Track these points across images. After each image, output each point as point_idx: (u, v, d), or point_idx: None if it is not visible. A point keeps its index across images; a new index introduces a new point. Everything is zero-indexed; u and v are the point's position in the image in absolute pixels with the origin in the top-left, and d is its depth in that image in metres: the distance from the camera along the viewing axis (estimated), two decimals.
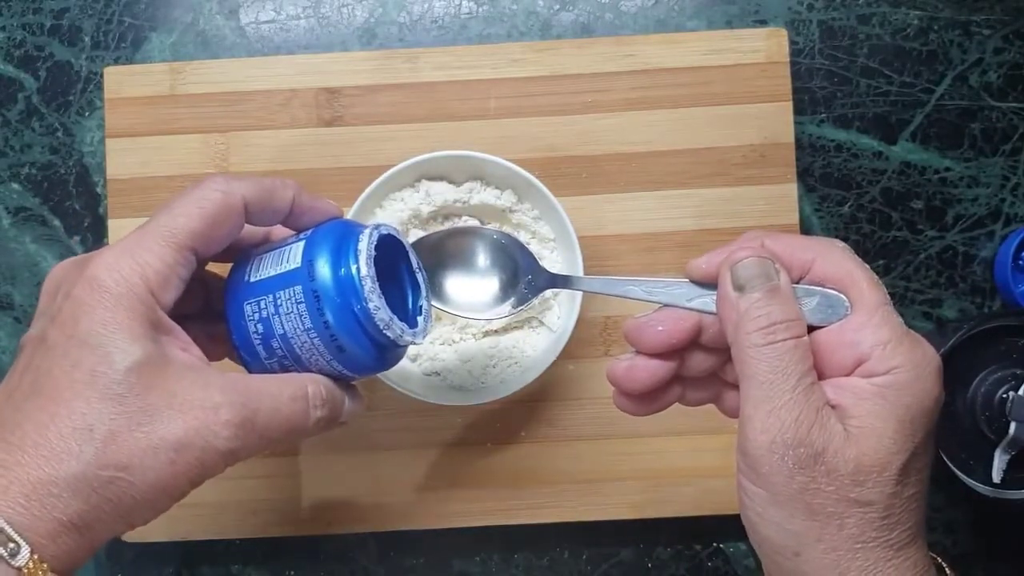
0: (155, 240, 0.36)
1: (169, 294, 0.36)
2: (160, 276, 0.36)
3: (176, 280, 0.37)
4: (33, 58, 0.62)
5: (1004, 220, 0.60)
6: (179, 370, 0.35)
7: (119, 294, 0.35)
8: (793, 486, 0.34)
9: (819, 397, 0.35)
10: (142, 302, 0.35)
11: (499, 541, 0.59)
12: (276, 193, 0.39)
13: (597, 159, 0.58)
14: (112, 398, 0.33)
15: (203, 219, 0.37)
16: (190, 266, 0.37)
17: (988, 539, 0.59)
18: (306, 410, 0.38)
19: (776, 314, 0.35)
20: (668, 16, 0.61)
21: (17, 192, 0.61)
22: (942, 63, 0.61)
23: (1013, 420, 0.52)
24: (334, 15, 0.62)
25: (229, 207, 0.38)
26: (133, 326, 0.34)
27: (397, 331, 0.39)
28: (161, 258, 0.36)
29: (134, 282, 0.35)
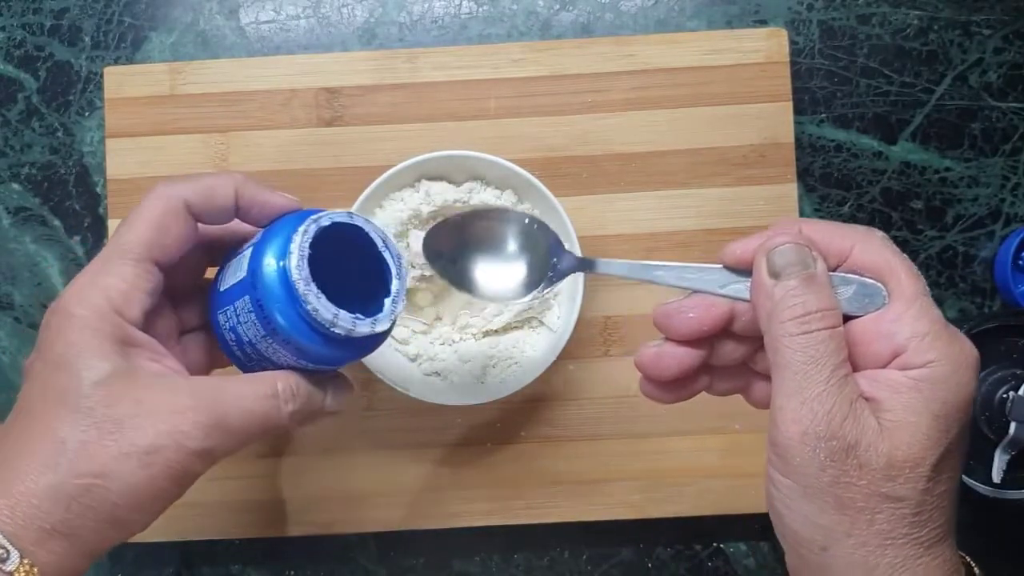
0: (113, 260, 0.39)
1: (134, 309, 0.38)
2: (122, 294, 0.38)
3: (139, 294, 0.38)
4: (33, 58, 0.62)
5: (1004, 220, 0.60)
6: (147, 380, 0.37)
7: (85, 317, 0.37)
8: (824, 479, 0.33)
9: (853, 389, 0.34)
10: (108, 322, 0.37)
11: (499, 541, 0.59)
12: (216, 191, 0.40)
13: (597, 159, 0.58)
14: (82, 411, 0.36)
15: (149, 228, 0.39)
16: (152, 276, 0.39)
17: (988, 539, 0.59)
18: (277, 406, 0.39)
19: (812, 303, 0.34)
20: (668, 16, 0.61)
21: (17, 192, 0.61)
22: (942, 63, 0.61)
23: (1013, 420, 0.53)
24: (334, 15, 0.62)
25: (171, 211, 0.39)
26: (100, 345, 0.37)
27: (346, 325, 0.38)
28: (120, 277, 0.38)
29: (98, 304, 0.37)
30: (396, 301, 0.40)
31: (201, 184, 0.40)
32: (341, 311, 0.38)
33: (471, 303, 0.56)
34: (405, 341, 0.56)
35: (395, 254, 0.41)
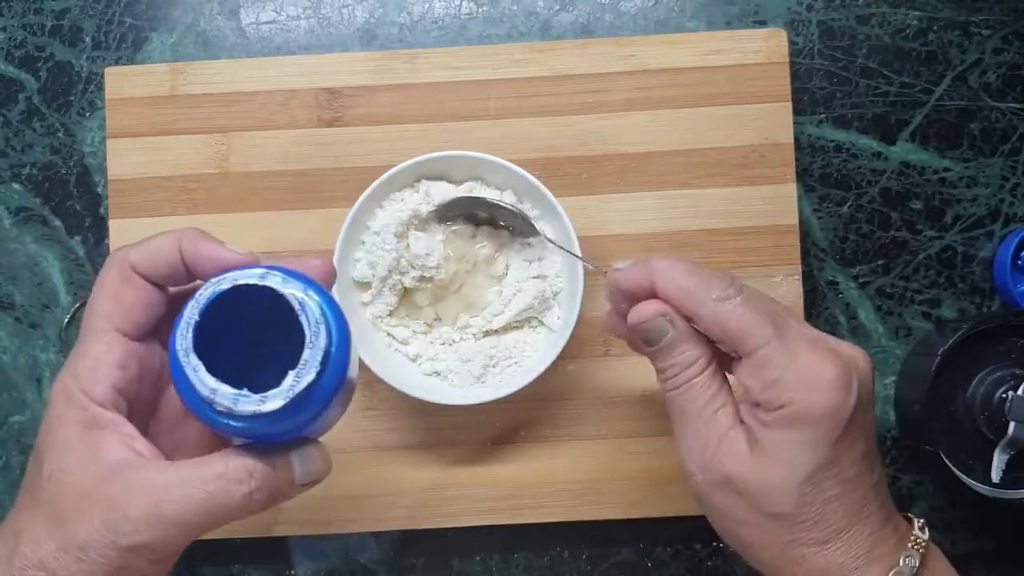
0: (83, 337, 0.38)
1: (100, 385, 0.37)
2: (87, 371, 0.37)
3: (105, 368, 0.37)
4: (34, 58, 0.62)
5: (1003, 220, 0.60)
6: (101, 469, 0.36)
7: (55, 404, 0.37)
8: (716, 503, 0.40)
9: (724, 424, 0.40)
10: (74, 405, 0.37)
11: (499, 541, 0.59)
12: (159, 251, 0.38)
13: (597, 159, 0.58)
14: (39, 502, 0.36)
15: (106, 298, 0.38)
16: (118, 348, 0.38)
17: (988, 539, 0.59)
18: (226, 489, 0.36)
19: (672, 367, 0.41)
20: (668, 17, 0.61)
21: (18, 192, 0.61)
22: (941, 63, 0.61)
23: (1012, 420, 0.53)
24: (334, 16, 0.62)
25: (121, 277, 0.38)
26: (64, 434, 0.37)
27: (224, 403, 0.33)
28: (85, 353, 0.38)
29: (66, 386, 0.37)
30: (301, 374, 0.34)
31: (145, 246, 0.39)
32: (221, 386, 0.33)
33: (471, 304, 0.56)
34: (405, 341, 0.56)
35: (312, 319, 0.34)
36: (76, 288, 0.61)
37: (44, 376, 0.61)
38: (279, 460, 0.37)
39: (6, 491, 0.61)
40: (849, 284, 0.60)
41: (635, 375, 0.57)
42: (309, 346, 0.34)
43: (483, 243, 0.56)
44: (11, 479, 0.61)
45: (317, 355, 0.34)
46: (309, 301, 0.35)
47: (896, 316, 0.60)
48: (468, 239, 0.56)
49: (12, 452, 0.61)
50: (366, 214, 0.55)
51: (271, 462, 0.37)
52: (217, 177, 0.58)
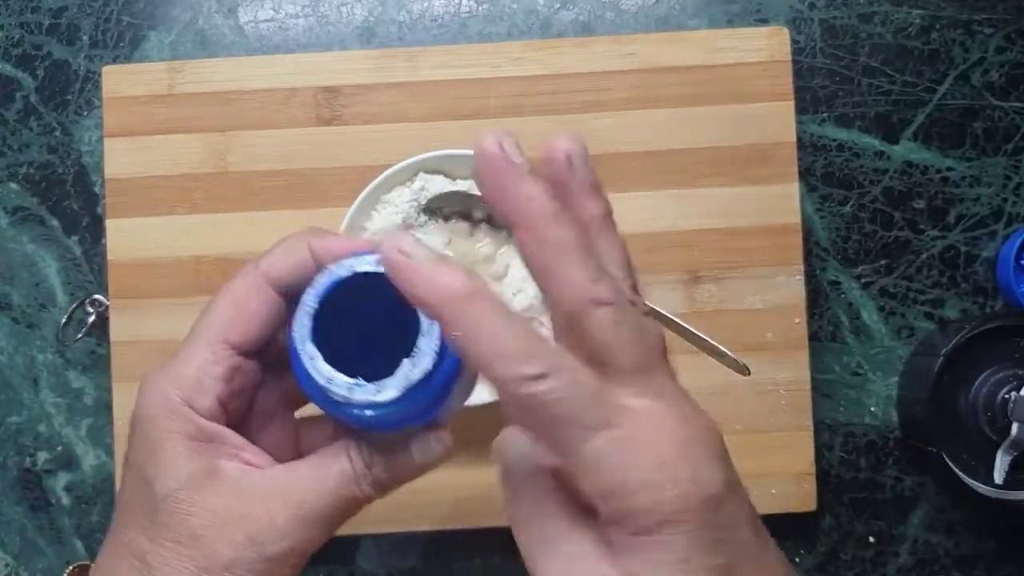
0: (189, 345, 0.36)
1: (206, 398, 0.35)
2: (192, 382, 0.35)
3: (211, 380, 0.35)
4: (31, 57, 0.61)
5: (1006, 220, 0.60)
6: (221, 484, 0.35)
7: (154, 418, 0.35)
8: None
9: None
10: (178, 419, 0.35)
11: (499, 541, 0.59)
12: (292, 255, 0.37)
13: (597, 159, 0.57)
14: (159, 524, 0.34)
15: (226, 308, 0.36)
16: (226, 359, 0.36)
17: (990, 540, 0.59)
18: (354, 479, 0.36)
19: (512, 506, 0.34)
20: (669, 15, 0.61)
21: (15, 192, 0.61)
22: (944, 62, 0.60)
23: (1015, 421, 0.52)
24: (333, 14, 0.62)
25: (250, 287, 0.36)
26: (171, 450, 0.35)
27: (340, 392, 0.33)
28: (190, 363, 0.35)
29: (167, 398, 0.35)
30: (416, 363, 0.33)
31: (276, 251, 0.37)
32: (336, 375, 0.33)
33: None
34: None
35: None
36: (73, 288, 0.61)
37: (41, 376, 0.61)
38: (398, 449, 0.36)
39: (3, 491, 0.61)
40: (852, 284, 0.60)
41: None
42: (424, 334, 0.34)
43: (483, 242, 0.56)
44: (8, 479, 0.60)
45: (432, 344, 0.33)
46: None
47: (899, 316, 0.60)
48: (467, 238, 0.56)
49: (10, 453, 0.61)
50: (365, 214, 0.54)
51: (391, 451, 0.36)
52: (216, 176, 0.58)
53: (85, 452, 0.60)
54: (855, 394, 0.59)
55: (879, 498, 0.59)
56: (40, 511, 0.60)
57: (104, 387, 0.59)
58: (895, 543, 0.59)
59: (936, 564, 0.59)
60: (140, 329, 0.58)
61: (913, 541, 0.59)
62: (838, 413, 0.59)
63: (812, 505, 0.57)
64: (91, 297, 0.60)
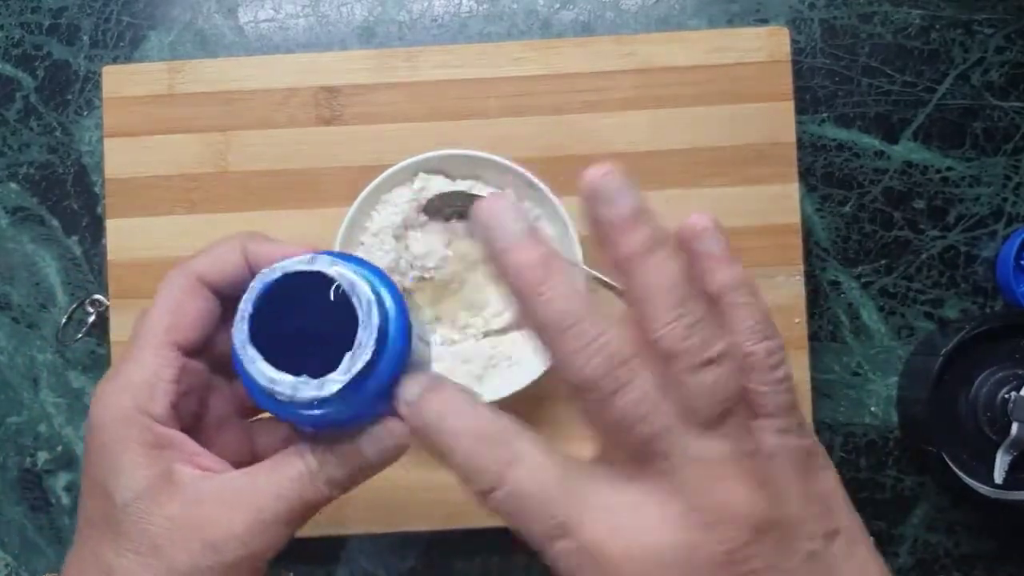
0: (135, 351, 0.36)
1: (158, 403, 0.35)
2: (144, 388, 0.35)
3: (162, 384, 0.35)
4: (31, 57, 0.61)
5: (1006, 220, 0.60)
6: (178, 491, 0.35)
7: (108, 427, 0.35)
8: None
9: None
10: (133, 426, 0.35)
11: (499, 541, 0.59)
12: (223, 256, 0.37)
13: (597, 158, 0.57)
14: (121, 535, 0.34)
15: (165, 311, 0.36)
16: (174, 363, 0.36)
17: (990, 540, 0.59)
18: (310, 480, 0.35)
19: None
20: (669, 14, 0.61)
21: (15, 192, 0.61)
22: (944, 62, 0.60)
23: (1015, 420, 0.52)
24: (333, 14, 0.62)
25: (185, 288, 0.37)
26: (128, 458, 0.35)
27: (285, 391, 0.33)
28: (140, 369, 0.36)
29: (121, 406, 0.35)
30: (357, 355, 0.33)
31: (210, 254, 0.37)
32: (280, 375, 0.33)
33: (471, 303, 0.56)
34: None
35: (364, 298, 0.34)
36: (73, 288, 0.61)
37: (41, 376, 0.61)
38: (349, 444, 0.36)
39: (3, 491, 0.61)
40: (852, 284, 0.60)
41: None
42: (362, 326, 0.34)
43: None
44: (8, 480, 0.61)
45: (371, 335, 0.33)
46: (359, 280, 0.34)
47: (899, 316, 0.60)
48: (467, 238, 0.56)
49: (10, 452, 0.61)
50: (364, 214, 0.54)
51: (342, 448, 0.36)
52: (215, 176, 0.58)
53: None
54: (855, 394, 0.59)
55: (879, 498, 0.59)
56: (40, 511, 0.60)
57: None
58: (895, 543, 0.59)
59: (936, 564, 0.59)
60: None
61: (913, 541, 0.59)
62: (838, 413, 0.59)
63: None
64: (91, 297, 0.60)
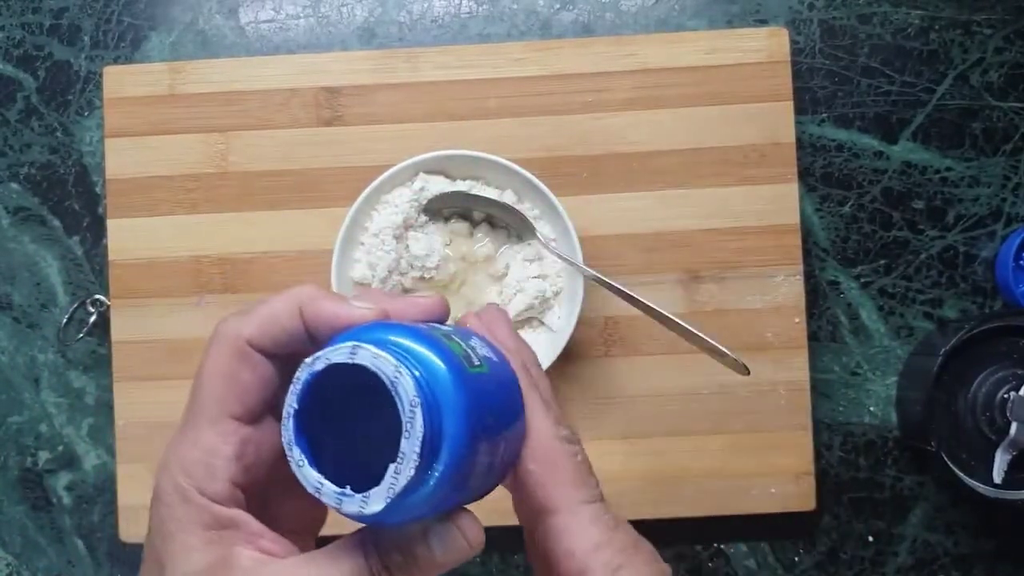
0: (191, 426, 0.34)
1: (217, 483, 0.33)
2: (202, 468, 0.33)
3: (221, 462, 0.33)
4: (32, 58, 0.62)
5: (1005, 220, 0.60)
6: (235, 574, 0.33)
7: (169, 505, 0.33)
8: None
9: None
10: (192, 506, 0.33)
11: (499, 541, 0.59)
12: (278, 319, 0.34)
13: (597, 159, 0.58)
14: None
15: (218, 382, 0.34)
16: (232, 437, 0.34)
17: (989, 539, 0.59)
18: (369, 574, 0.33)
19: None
20: (669, 15, 0.61)
21: (16, 192, 0.61)
22: (943, 63, 0.61)
23: (1014, 420, 0.52)
24: (334, 14, 0.62)
25: (236, 355, 0.34)
26: (185, 538, 0.33)
27: (330, 503, 0.30)
28: (196, 446, 0.33)
29: (179, 485, 0.33)
30: (400, 470, 0.29)
31: (261, 315, 0.34)
32: (325, 484, 0.30)
33: (471, 303, 0.56)
34: None
35: (407, 401, 0.29)
36: (74, 288, 0.61)
37: (42, 376, 0.61)
38: (417, 544, 0.33)
39: (4, 491, 0.61)
40: (851, 284, 0.60)
41: (635, 375, 0.57)
42: (405, 435, 0.29)
43: (483, 242, 0.56)
44: (9, 479, 0.61)
45: (415, 445, 0.29)
46: (402, 377, 0.29)
47: (898, 316, 0.60)
48: (467, 238, 0.56)
49: (11, 452, 0.61)
50: (365, 215, 0.54)
51: (410, 546, 0.33)
52: (216, 176, 0.58)
53: (86, 452, 0.60)
54: (854, 394, 0.60)
55: (878, 497, 0.59)
56: (41, 510, 0.61)
57: (105, 387, 0.59)
58: (894, 542, 0.59)
59: (935, 563, 0.59)
60: (141, 329, 0.58)
61: (912, 540, 0.59)
62: (837, 413, 0.60)
63: (811, 504, 0.57)
64: (92, 297, 0.60)
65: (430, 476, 0.30)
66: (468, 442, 0.31)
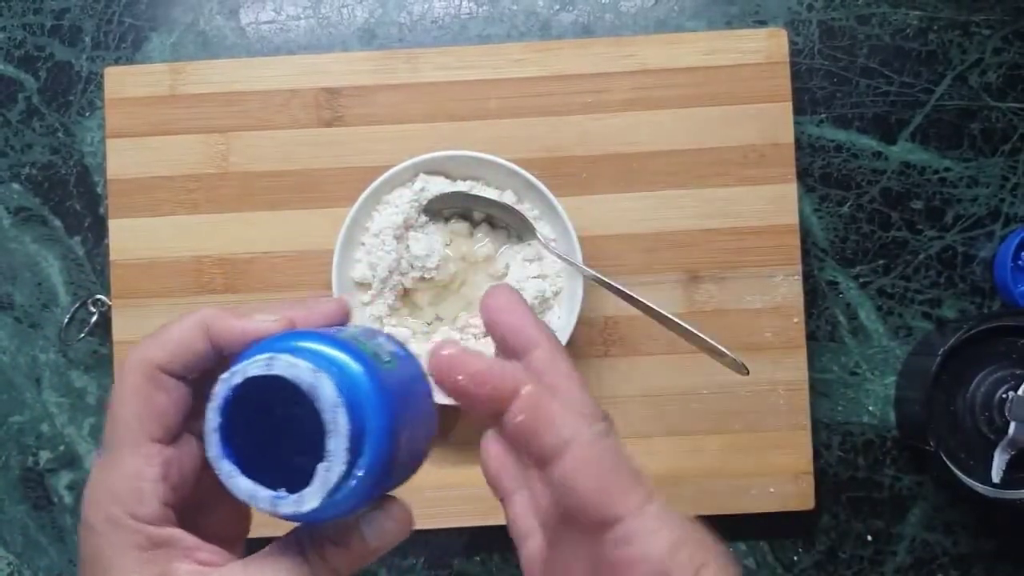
0: (113, 454, 0.35)
1: (147, 505, 0.34)
2: (130, 493, 0.34)
3: (148, 484, 0.34)
4: (34, 58, 0.62)
5: (1003, 220, 0.60)
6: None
7: (102, 532, 0.34)
8: None
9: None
10: (125, 531, 0.34)
11: (499, 541, 0.59)
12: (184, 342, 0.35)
13: (597, 159, 0.58)
14: None
15: (134, 408, 0.35)
16: (156, 459, 0.35)
17: (988, 539, 0.59)
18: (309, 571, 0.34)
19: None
20: (668, 16, 0.61)
21: (18, 192, 0.61)
22: (941, 63, 0.61)
23: (1012, 420, 0.53)
24: (334, 15, 0.62)
25: (149, 380, 0.35)
26: (124, 563, 0.34)
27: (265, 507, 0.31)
28: (121, 471, 0.34)
29: (110, 513, 0.34)
30: (330, 467, 0.30)
31: (169, 341, 0.35)
32: (258, 490, 0.31)
33: (471, 303, 0.56)
34: (405, 341, 0.56)
35: (328, 402, 0.30)
36: (76, 288, 0.61)
37: (43, 376, 0.61)
38: (351, 534, 0.34)
39: (6, 491, 0.61)
40: (849, 284, 0.60)
41: (635, 375, 0.57)
42: (329, 435, 0.31)
43: (483, 242, 0.56)
44: (10, 479, 0.61)
45: (342, 443, 0.30)
46: (321, 382, 0.30)
47: (897, 316, 0.60)
48: (467, 238, 0.56)
49: (12, 452, 0.61)
50: (365, 215, 0.55)
51: (344, 537, 0.34)
52: (217, 177, 0.58)
53: (87, 451, 0.61)
54: (853, 393, 0.60)
55: (877, 497, 0.59)
56: (42, 510, 0.61)
57: (106, 387, 0.60)
58: (893, 542, 0.59)
59: (934, 563, 0.59)
60: (142, 329, 0.58)
61: (911, 540, 0.59)
62: (836, 412, 0.60)
63: (810, 504, 0.57)
64: (93, 297, 0.60)
65: (358, 470, 0.31)
66: (389, 434, 0.32)
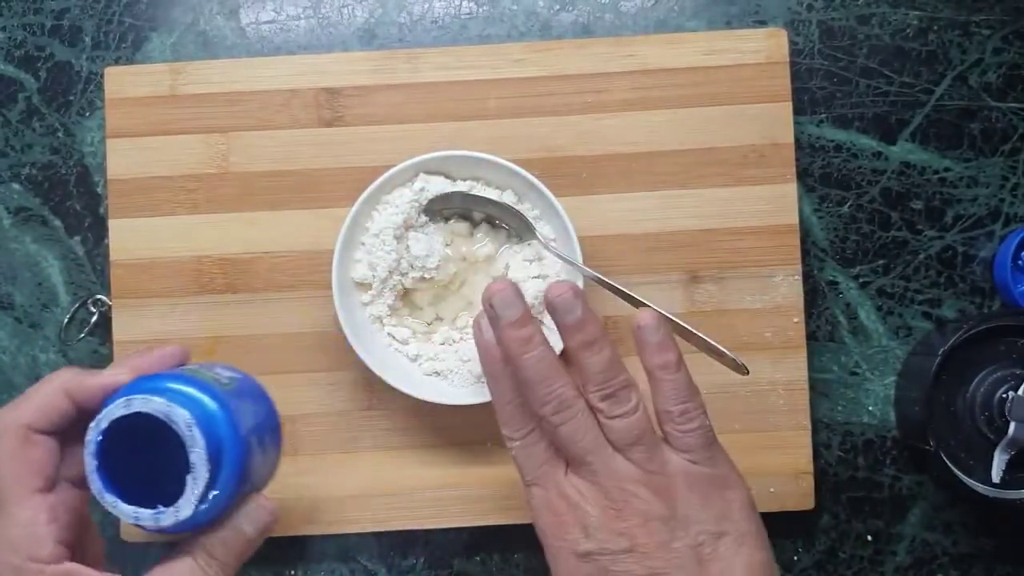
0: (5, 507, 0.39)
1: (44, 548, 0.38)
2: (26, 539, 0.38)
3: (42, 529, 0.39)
4: (34, 58, 0.62)
5: (1003, 220, 0.60)
6: None
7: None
8: None
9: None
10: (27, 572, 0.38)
11: (499, 541, 0.59)
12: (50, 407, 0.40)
13: (597, 159, 0.58)
14: None
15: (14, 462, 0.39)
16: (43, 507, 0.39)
17: (988, 539, 0.59)
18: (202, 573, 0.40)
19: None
20: (668, 16, 0.61)
21: (18, 192, 0.61)
22: (941, 63, 0.61)
23: (1012, 420, 0.53)
24: (334, 15, 0.62)
25: (23, 440, 0.40)
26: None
27: (147, 524, 0.38)
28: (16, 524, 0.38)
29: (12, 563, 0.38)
30: (196, 477, 0.38)
31: (35, 405, 0.40)
32: (140, 511, 0.38)
33: (471, 303, 0.56)
34: (405, 341, 0.56)
35: (183, 425, 0.38)
36: (76, 288, 0.61)
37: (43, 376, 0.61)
38: (231, 533, 0.40)
39: None
40: (849, 284, 0.60)
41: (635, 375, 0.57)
42: (191, 450, 0.37)
43: (483, 242, 0.56)
44: None
45: (202, 455, 0.37)
46: (173, 409, 0.38)
47: (896, 316, 0.60)
48: (467, 239, 0.56)
49: None
50: (365, 215, 0.55)
51: (224, 536, 0.40)
52: (217, 177, 0.58)
53: None
54: (853, 393, 0.60)
55: (877, 497, 0.59)
56: None
57: None
58: (893, 542, 0.59)
59: (934, 563, 0.59)
60: (142, 329, 0.58)
61: (911, 540, 0.59)
62: (836, 412, 0.60)
63: (810, 504, 0.57)
64: (93, 297, 0.60)
65: (221, 476, 0.38)
66: (240, 439, 0.39)
